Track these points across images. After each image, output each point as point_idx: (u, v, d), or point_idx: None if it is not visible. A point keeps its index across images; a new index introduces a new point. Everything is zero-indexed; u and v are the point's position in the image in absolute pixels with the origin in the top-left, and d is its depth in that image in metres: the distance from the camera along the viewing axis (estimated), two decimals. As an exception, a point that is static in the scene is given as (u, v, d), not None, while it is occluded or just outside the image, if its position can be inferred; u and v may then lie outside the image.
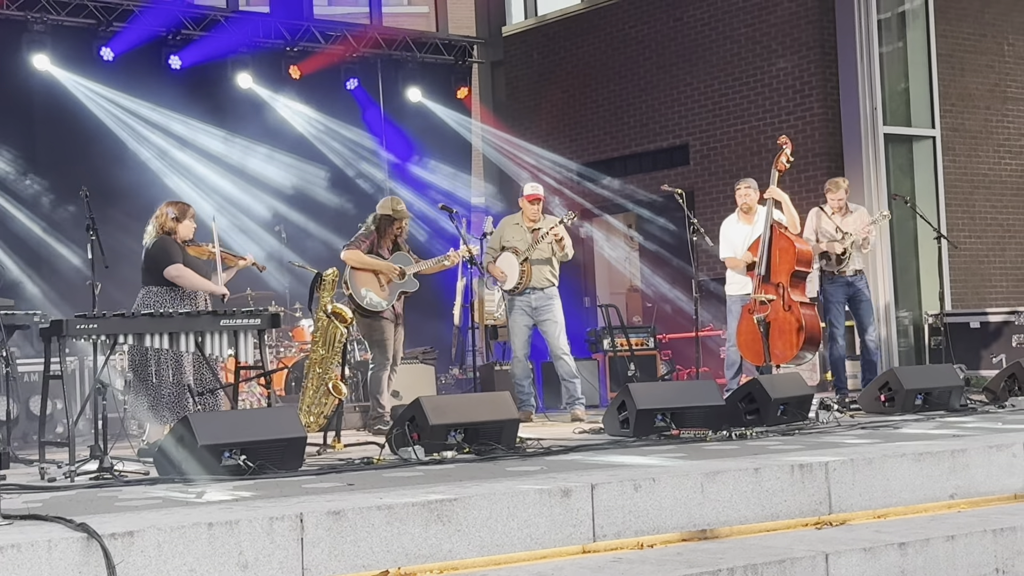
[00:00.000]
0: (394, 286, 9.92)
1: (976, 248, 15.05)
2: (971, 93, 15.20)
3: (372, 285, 9.86)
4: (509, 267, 10.56)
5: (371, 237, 10.04)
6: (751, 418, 8.46)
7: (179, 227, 8.65)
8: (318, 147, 14.98)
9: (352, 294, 9.83)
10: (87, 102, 13.36)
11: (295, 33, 14.99)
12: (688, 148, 15.72)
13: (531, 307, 10.54)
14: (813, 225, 11.05)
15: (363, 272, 9.90)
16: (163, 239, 8.59)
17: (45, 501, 5.66)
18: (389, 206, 10.15)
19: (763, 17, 14.88)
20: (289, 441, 6.73)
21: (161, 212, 8.71)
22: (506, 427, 7.52)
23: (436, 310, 14.24)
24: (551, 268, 10.59)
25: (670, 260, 15.13)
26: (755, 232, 10.71)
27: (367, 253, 9.93)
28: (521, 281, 10.48)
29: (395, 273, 9.89)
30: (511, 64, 17.87)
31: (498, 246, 10.74)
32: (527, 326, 10.59)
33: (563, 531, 5.41)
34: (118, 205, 12.18)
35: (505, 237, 10.71)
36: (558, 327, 10.56)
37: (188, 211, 8.78)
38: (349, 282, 9.87)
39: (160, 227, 8.64)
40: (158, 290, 8.48)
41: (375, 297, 9.83)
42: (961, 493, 6.54)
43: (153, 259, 8.53)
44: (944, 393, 9.52)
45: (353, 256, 9.90)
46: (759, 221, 10.74)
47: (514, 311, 10.62)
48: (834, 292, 10.95)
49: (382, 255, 9.99)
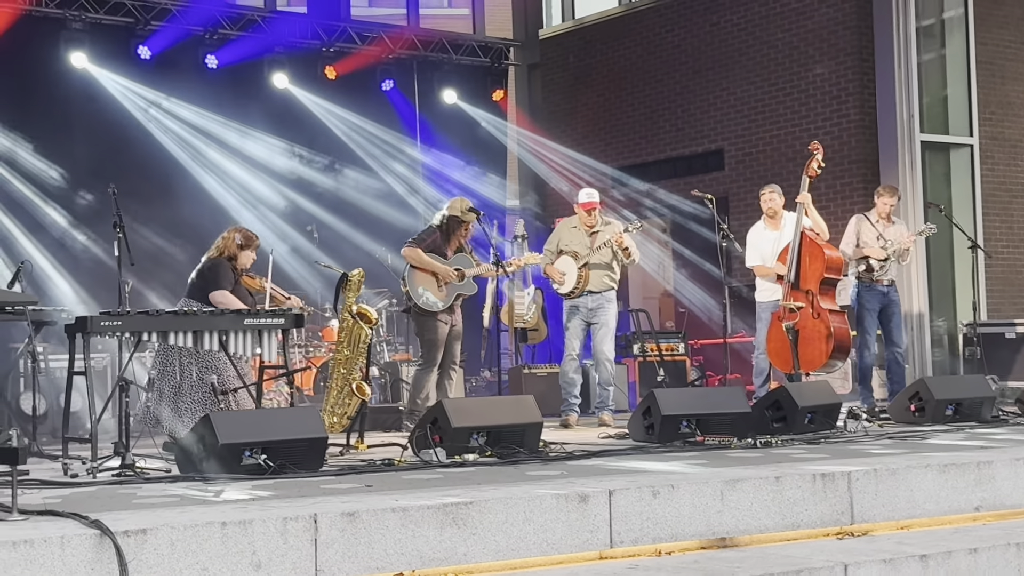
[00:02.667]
0: (452, 287, 9.83)
1: (1013, 258, 14.90)
2: (1011, 101, 15.05)
3: (430, 285, 9.78)
4: (568, 270, 10.44)
5: (434, 236, 9.92)
6: (778, 426, 8.38)
7: (241, 255, 8.76)
8: (352, 148, 15.00)
9: (409, 291, 9.78)
10: (124, 100, 13.44)
11: (331, 33, 15.03)
12: (723, 153, 15.65)
13: (588, 308, 10.44)
14: (854, 230, 10.97)
15: (422, 271, 9.83)
16: (221, 262, 8.70)
17: (65, 497, 5.68)
18: (459, 207, 9.98)
19: (801, 23, 14.79)
20: (310, 441, 6.72)
21: (229, 236, 8.82)
22: (529, 430, 7.49)
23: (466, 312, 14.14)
24: (610, 273, 10.49)
25: (703, 266, 15.05)
26: (783, 238, 10.63)
27: (428, 252, 9.86)
28: (578, 286, 10.37)
29: (453, 276, 9.83)
30: (547, 67, 17.84)
31: (555, 248, 10.58)
32: (581, 327, 10.49)
33: (580, 537, 5.38)
34: (152, 204, 12.27)
35: (563, 240, 10.56)
36: (607, 331, 10.46)
37: (254, 242, 8.90)
38: (407, 279, 9.79)
39: (224, 249, 8.74)
40: (199, 306, 8.50)
41: (432, 297, 9.74)
42: (987, 506, 6.46)
43: (204, 277, 8.63)
44: (975, 404, 9.41)
45: (413, 254, 9.81)
46: (786, 227, 10.66)
47: (569, 311, 10.51)
48: (870, 299, 10.86)
49: (445, 255, 9.92)
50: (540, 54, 17.83)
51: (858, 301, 10.94)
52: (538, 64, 17.83)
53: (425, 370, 9.85)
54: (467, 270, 9.90)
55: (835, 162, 14.36)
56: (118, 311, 7.54)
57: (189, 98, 13.69)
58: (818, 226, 10.57)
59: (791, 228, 10.63)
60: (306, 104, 14.74)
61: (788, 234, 10.60)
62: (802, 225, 10.34)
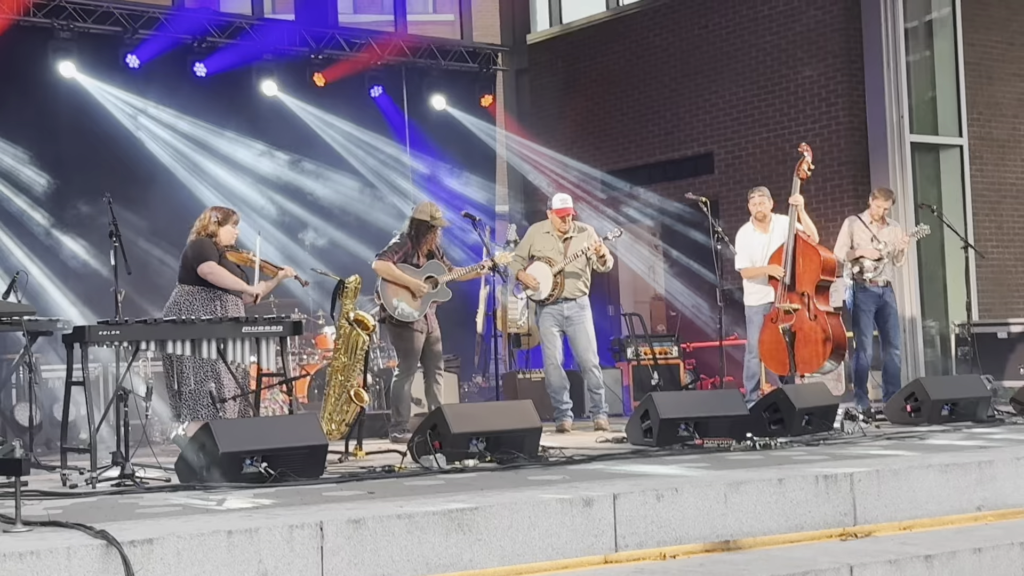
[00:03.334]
0: (426, 296, 9.80)
1: (1003, 258, 14.93)
2: (999, 102, 15.10)
3: (404, 295, 9.73)
4: (542, 277, 10.36)
5: (405, 247, 9.87)
6: (775, 428, 8.39)
7: (220, 231, 8.72)
8: (342, 154, 14.99)
9: (383, 304, 9.76)
10: (112, 109, 13.41)
11: (320, 40, 15.02)
12: (713, 156, 15.66)
13: (562, 315, 10.37)
14: (848, 232, 10.99)
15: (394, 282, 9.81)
16: (201, 240, 8.69)
17: (66, 508, 5.65)
18: (427, 212, 9.92)
19: (789, 26, 14.81)
20: (311, 449, 6.70)
21: (205, 215, 8.84)
22: (528, 436, 7.48)
23: (459, 318, 14.21)
24: (584, 279, 10.43)
25: (694, 269, 15.06)
26: (772, 240, 10.66)
27: (400, 262, 9.82)
28: (553, 293, 10.31)
29: (424, 289, 9.77)
30: (536, 72, 17.84)
31: (527, 254, 10.52)
32: (557, 333, 10.42)
33: (585, 541, 5.38)
34: (142, 212, 12.22)
35: (536, 246, 10.49)
36: (587, 338, 10.41)
37: (232, 216, 8.85)
38: (381, 292, 9.77)
39: (202, 228, 8.74)
40: (191, 289, 8.59)
41: (406, 307, 9.70)
42: (988, 505, 6.47)
43: (188, 257, 8.64)
44: (971, 404, 9.44)
45: (384, 268, 9.77)
46: (775, 229, 10.70)
47: (544, 318, 10.44)
48: (865, 301, 10.88)
49: (417, 264, 9.89)
50: (528, 59, 17.83)
51: (854, 303, 10.96)
52: (526, 69, 17.83)
53: (404, 380, 9.81)
54: (440, 277, 9.84)
55: (825, 164, 14.38)
56: (116, 320, 7.51)
57: (178, 106, 13.67)
58: (809, 228, 10.59)
59: (780, 231, 10.65)
60: (295, 111, 14.72)
61: (777, 237, 10.63)
62: (795, 226, 10.35)
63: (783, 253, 10.39)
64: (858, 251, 10.83)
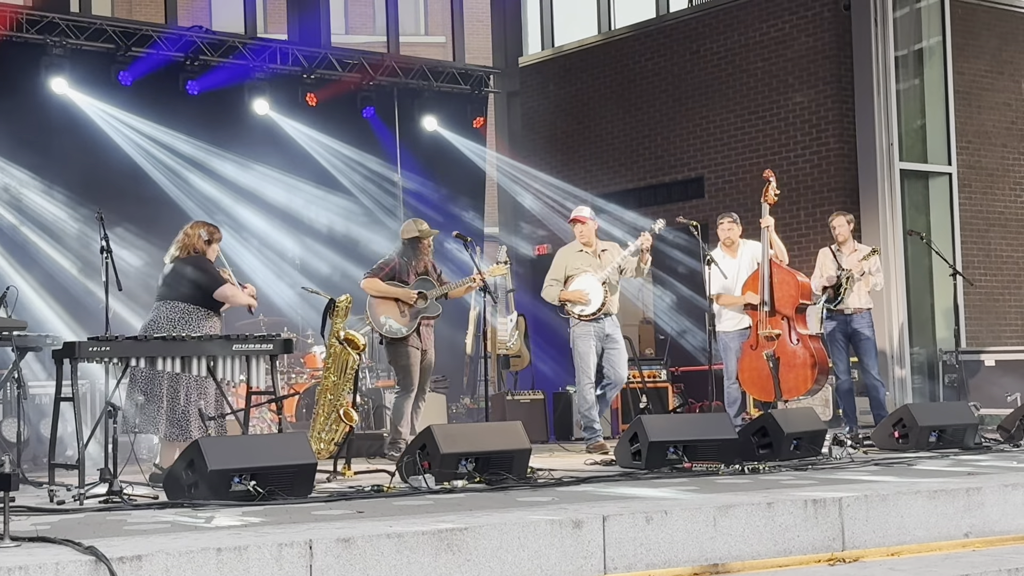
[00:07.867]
0: (415, 311, 9.84)
1: (991, 285, 15.00)
2: (988, 131, 15.19)
3: (392, 312, 9.78)
4: (592, 289, 10.16)
5: (392, 264, 9.93)
6: (764, 452, 8.40)
7: (208, 250, 8.55)
8: (333, 174, 14.99)
9: (372, 322, 9.78)
10: (104, 126, 13.39)
11: (312, 60, 15.04)
12: (703, 181, 15.71)
13: (604, 333, 10.22)
14: (820, 263, 11.12)
15: (382, 300, 9.84)
16: (202, 259, 8.47)
17: (54, 524, 5.63)
18: (413, 228, 10.02)
19: (780, 52, 14.89)
20: (299, 467, 6.70)
21: (192, 232, 8.56)
22: (517, 457, 7.48)
23: (448, 339, 14.21)
24: (618, 294, 10.44)
25: (683, 292, 15.08)
26: (740, 265, 10.73)
27: (388, 280, 9.85)
28: (602, 307, 10.17)
29: (413, 297, 9.82)
30: (527, 94, 17.89)
31: (562, 276, 10.31)
32: (598, 352, 10.23)
33: (574, 563, 5.37)
34: (133, 229, 12.20)
35: (571, 265, 10.30)
36: (623, 355, 10.34)
37: (217, 235, 8.65)
38: (369, 311, 9.80)
39: (190, 247, 8.49)
40: (185, 307, 8.33)
41: (395, 324, 9.75)
42: (976, 532, 6.47)
43: (190, 278, 8.35)
44: (959, 431, 9.45)
45: (370, 285, 9.83)
46: (743, 255, 10.77)
47: (583, 336, 10.18)
48: (832, 328, 10.99)
49: (407, 281, 9.88)
50: (520, 82, 17.87)
51: (827, 330, 11.05)
52: (518, 92, 17.87)
53: (404, 396, 9.84)
54: (430, 292, 9.89)
55: (814, 190, 14.45)
56: (106, 336, 7.49)
57: (170, 124, 13.65)
58: (779, 250, 10.64)
59: (748, 256, 10.73)
60: (287, 130, 14.72)
61: (746, 262, 10.70)
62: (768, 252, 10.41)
63: (758, 279, 10.43)
64: (823, 280, 10.95)
